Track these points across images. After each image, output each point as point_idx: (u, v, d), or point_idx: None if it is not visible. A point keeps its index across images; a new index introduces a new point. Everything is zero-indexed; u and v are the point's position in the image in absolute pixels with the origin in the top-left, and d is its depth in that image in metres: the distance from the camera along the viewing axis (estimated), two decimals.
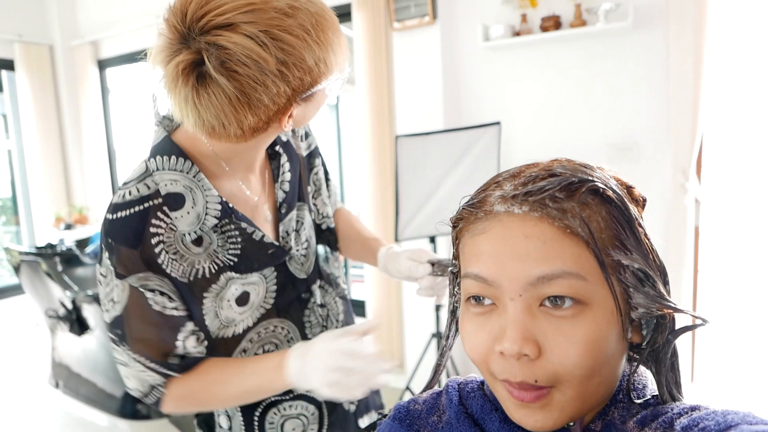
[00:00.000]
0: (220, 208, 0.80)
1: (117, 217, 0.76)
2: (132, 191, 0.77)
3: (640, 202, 0.53)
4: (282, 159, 0.94)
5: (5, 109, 4.35)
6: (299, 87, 0.71)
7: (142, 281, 0.77)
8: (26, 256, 3.03)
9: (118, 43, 4.16)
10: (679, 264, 2.24)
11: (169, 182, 0.78)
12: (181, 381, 0.82)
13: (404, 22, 2.65)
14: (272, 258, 0.90)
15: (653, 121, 2.29)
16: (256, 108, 0.69)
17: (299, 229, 0.96)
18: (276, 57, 0.66)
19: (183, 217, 0.78)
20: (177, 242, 0.79)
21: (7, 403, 3.07)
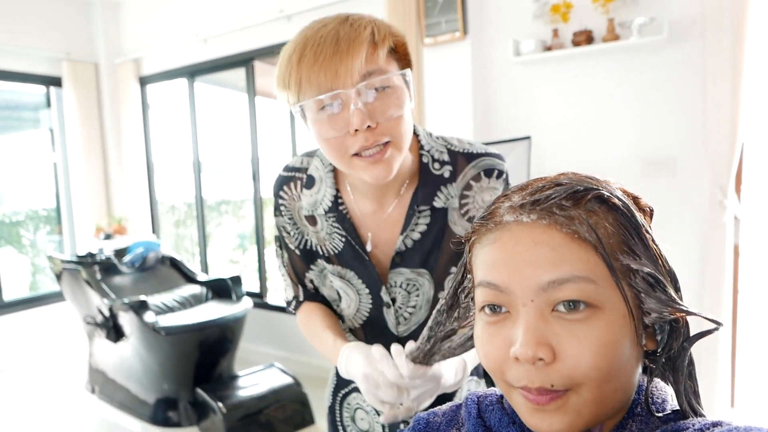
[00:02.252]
0: (330, 204, 0.92)
1: (281, 173, 0.99)
2: (296, 161, 0.99)
3: (647, 211, 0.53)
4: (419, 219, 0.91)
5: (52, 123, 4.55)
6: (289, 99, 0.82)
7: (281, 224, 0.99)
8: (68, 264, 3.15)
9: (158, 60, 4.32)
10: (719, 284, 2.16)
11: (315, 168, 0.95)
12: (302, 310, 1.03)
13: (435, 37, 2.67)
14: (365, 268, 0.94)
15: (689, 136, 2.24)
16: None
17: (410, 290, 0.95)
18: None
19: (307, 197, 0.95)
20: (295, 212, 0.97)
21: (46, 407, 3.17)
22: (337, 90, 0.75)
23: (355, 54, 0.75)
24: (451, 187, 0.92)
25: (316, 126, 0.80)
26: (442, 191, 0.91)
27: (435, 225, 0.92)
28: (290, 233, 0.98)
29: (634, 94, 2.34)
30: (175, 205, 4.86)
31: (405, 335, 0.98)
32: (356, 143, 0.78)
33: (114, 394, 3.09)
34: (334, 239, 0.94)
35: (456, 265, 0.93)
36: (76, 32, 4.42)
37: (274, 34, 3.53)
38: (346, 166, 0.83)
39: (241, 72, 3.88)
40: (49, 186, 4.62)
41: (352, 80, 0.75)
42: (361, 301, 0.97)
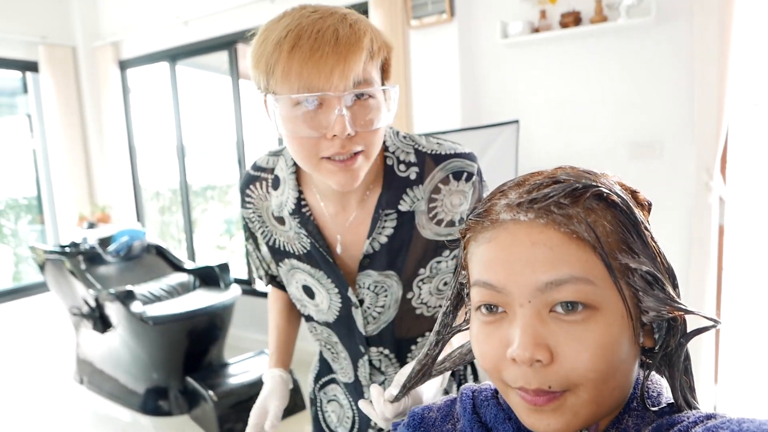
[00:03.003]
0: (294, 206, 0.91)
1: (248, 171, 1.00)
2: (262, 160, 0.99)
3: (645, 206, 0.53)
4: (385, 222, 0.90)
5: (30, 109, 4.44)
6: (260, 83, 0.79)
7: (248, 216, 1.00)
8: (51, 254, 3.10)
9: (138, 43, 4.22)
10: (704, 263, 2.19)
11: (280, 168, 0.94)
12: (271, 289, 1.12)
13: (422, 19, 2.64)
14: (332, 269, 0.93)
15: (676, 118, 2.25)
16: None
17: (378, 292, 0.94)
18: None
19: (275, 198, 0.94)
20: (264, 211, 0.97)
21: (33, 398, 3.14)
22: (326, 91, 0.72)
23: (355, 59, 0.72)
24: (417, 189, 0.89)
25: (289, 122, 0.76)
26: (408, 194, 0.89)
27: (402, 228, 0.90)
28: (257, 227, 1.00)
29: (622, 76, 2.33)
30: (159, 191, 4.80)
31: (374, 334, 0.98)
32: (331, 148, 0.76)
33: (103, 384, 3.08)
34: (302, 240, 0.93)
35: (424, 267, 0.93)
36: (52, 15, 4.29)
37: (258, 16, 3.46)
38: (313, 167, 0.80)
39: (224, 55, 3.80)
40: (29, 174, 4.53)
41: (345, 85, 0.73)
42: (332, 300, 0.96)
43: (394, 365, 1.01)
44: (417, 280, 0.94)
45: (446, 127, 2.61)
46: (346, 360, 1.03)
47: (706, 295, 2.20)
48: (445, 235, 0.93)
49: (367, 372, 1.02)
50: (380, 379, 1.03)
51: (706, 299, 2.20)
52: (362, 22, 0.76)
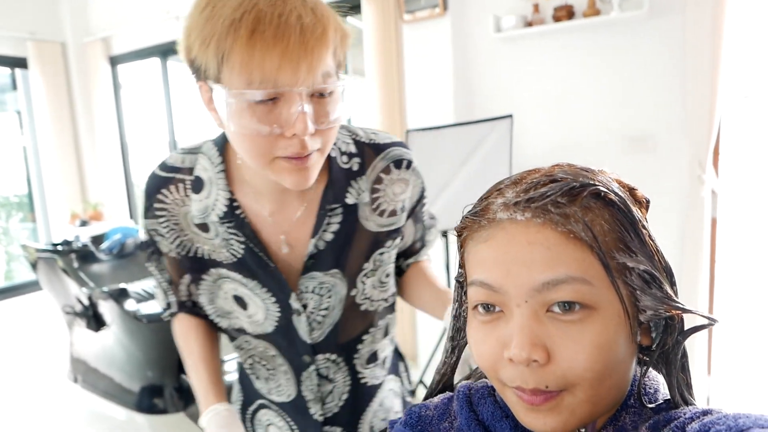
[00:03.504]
0: (225, 210, 0.81)
1: (155, 172, 0.86)
2: (175, 159, 0.86)
3: (643, 203, 0.53)
4: (331, 219, 0.85)
5: (19, 106, 4.40)
6: (200, 69, 0.70)
7: (154, 227, 0.87)
8: (43, 253, 3.08)
9: (129, 39, 4.18)
10: (696, 256, 2.20)
11: (202, 168, 0.84)
12: (179, 321, 0.94)
13: (414, 13, 2.62)
14: (271, 276, 0.85)
15: (669, 111, 2.25)
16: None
17: (323, 294, 0.88)
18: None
19: (196, 202, 0.83)
20: (181, 217, 0.85)
21: (28, 398, 3.13)
22: (291, 87, 0.65)
23: (322, 53, 0.66)
24: (361, 180, 0.86)
25: (241, 117, 0.67)
26: (353, 186, 0.85)
27: (346, 222, 0.86)
28: (166, 237, 0.86)
29: (615, 69, 2.33)
30: None
31: (320, 340, 0.91)
32: (289, 147, 0.69)
33: (97, 382, 3.06)
34: (233, 246, 0.83)
35: (368, 260, 0.90)
36: (41, 10, 4.24)
37: None
38: (264, 166, 0.72)
39: None
40: (19, 171, 4.49)
41: (311, 80, 0.66)
42: (268, 310, 0.87)
43: (342, 370, 0.95)
44: (361, 275, 0.90)
45: (440, 122, 2.60)
46: (286, 375, 0.93)
47: (698, 288, 2.21)
48: (387, 226, 0.90)
49: (314, 384, 0.93)
50: (329, 388, 0.95)
51: (698, 292, 2.21)
52: (322, 6, 0.69)
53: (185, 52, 0.70)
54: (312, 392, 0.94)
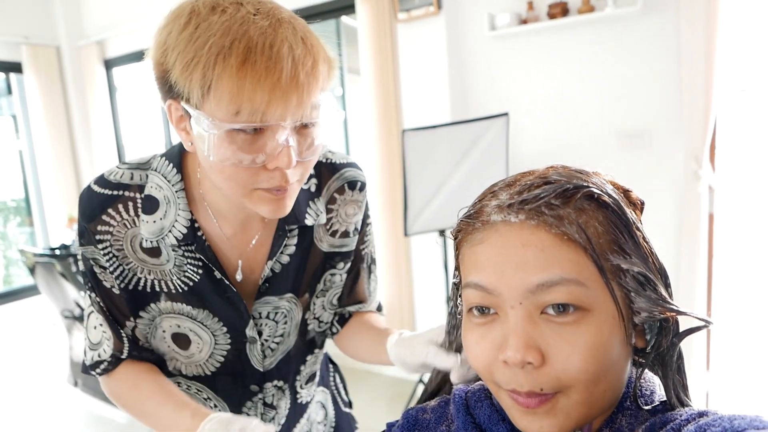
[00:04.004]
0: (185, 231, 0.76)
1: (94, 189, 0.76)
2: (122, 174, 0.77)
3: (638, 205, 0.53)
4: (288, 240, 0.82)
5: (15, 110, 4.38)
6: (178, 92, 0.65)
7: (93, 255, 0.77)
8: (41, 257, 3.07)
9: (123, 42, 4.17)
10: (693, 252, 2.20)
11: (155, 186, 0.76)
12: (123, 371, 0.81)
13: (409, 12, 2.62)
14: (228, 303, 0.80)
15: (665, 107, 2.25)
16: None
17: (278, 320, 0.85)
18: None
19: (148, 223, 0.75)
20: (126, 242, 0.76)
21: (28, 402, 3.12)
22: (280, 121, 0.62)
23: (313, 87, 0.64)
24: (318, 201, 0.84)
25: (220, 147, 0.63)
26: (311, 207, 0.83)
27: (302, 244, 0.84)
28: (107, 269, 0.77)
29: (610, 66, 2.33)
30: None
31: (271, 367, 0.88)
32: (271, 180, 0.66)
33: (98, 386, 3.04)
34: (186, 272, 0.78)
35: (319, 281, 0.88)
36: (35, 15, 4.22)
37: None
38: (244, 197, 0.69)
39: None
40: (16, 175, 4.48)
41: (302, 114, 0.64)
42: (216, 343, 0.82)
43: (285, 395, 0.92)
44: (313, 296, 0.89)
45: (436, 121, 2.60)
46: (217, 407, 0.89)
47: (696, 285, 2.21)
48: (339, 246, 0.88)
49: (258, 414, 0.90)
50: (271, 415, 0.91)
51: (696, 288, 2.22)
52: (311, 35, 0.66)
53: (157, 66, 0.65)
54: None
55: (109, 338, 0.79)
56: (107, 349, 0.80)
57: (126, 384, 0.80)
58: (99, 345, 0.80)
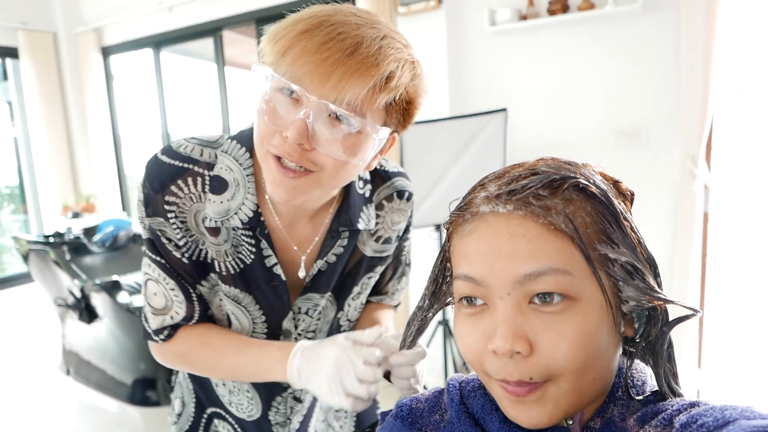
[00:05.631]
0: (251, 215, 0.76)
1: (163, 159, 0.76)
2: (192, 149, 0.77)
3: (628, 196, 0.53)
4: (339, 242, 0.84)
5: (10, 96, 4.35)
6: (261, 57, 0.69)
7: (161, 227, 0.77)
8: (34, 245, 3.06)
9: (121, 30, 4.14)
10: (688, 251, 2.22)
11: (225, 168, 0.77)
12: (190, 333, 0.82)
13: (409, 6, 2.61)
14: (273, 292, 0.82)
15: (662, 106, 2.26)
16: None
17: (314, 315, 0.88)
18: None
19: (214, 203, 0.76)
20: (191, 215, 0.76)
21: (20, 390, 3.12)
22: (310, 93, 0.63)
23: (359, 81, 0.62)
24: (371, 207, 0.86)
25: (264, 98, 0.67)
26: (365, 212, 0.84)
27: (349, 247, 0.86)
28: (172, 240, 0.77)
29: (609, 63, 2.34)
30: None
31: None
32: (279, 147, 0.66)
33: (90, 375, 3.06)
34: (240, 254, 0.79)
35: (357, 284, 0.90)
36: (33, 0, 4.19)
37: (243, 2, 3.41)
38: (260, 156, 0.71)
39: (209, 42, 3.75)
40: (11, 162, 4.45)
41: (334, 99, 0.63)
42: (254, 331, 0.84)
43: (310, 392, 0.91)
44: (349, 298, 0.91)
45: (434, 115, 2.60)
46: (249, 398, 0.91)
47: (690, 283, 2.23)
48: (380, 252, 0.90)
49: (288, 407, 0.92)
50: (297, 408, 0.94)
51: (690, 286, 2.23)
52: (400, 53, 0.65)
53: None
54: (282, 416, 0.93)
55: (181, 302, 0.80)
56: (179, 311, 0.80)
57: (194, 343, 0.81)
58: (166, 309, 0.80)
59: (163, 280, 0.79)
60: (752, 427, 0.37)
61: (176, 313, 0.80)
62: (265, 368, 0.77)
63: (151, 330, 0.82)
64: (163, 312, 0.80)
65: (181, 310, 0.80)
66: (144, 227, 0.78)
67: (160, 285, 0.79)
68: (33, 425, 2.73)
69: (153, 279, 0.80)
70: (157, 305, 0.80)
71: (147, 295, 0.81)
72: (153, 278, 0.80)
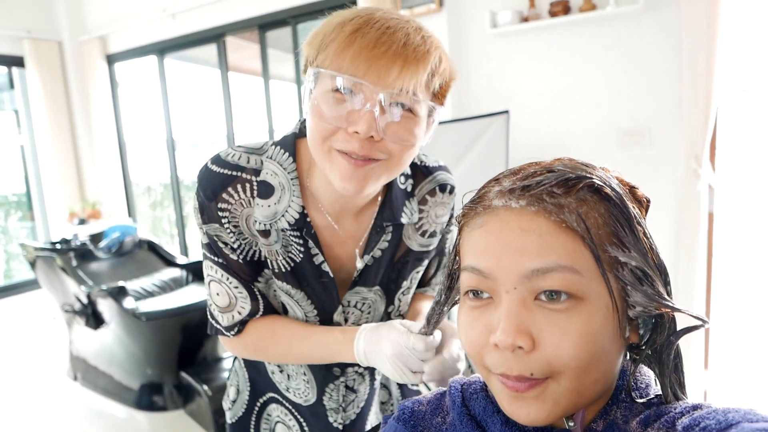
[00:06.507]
0: (297, 217, 0.80)
1: (213, 169, 0.80)
2: (239, 156, 0.81)
3: (643, 203, 0.52)
4: (384, 236, 0.87)
5: (17, 105, 4.39)
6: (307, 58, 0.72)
7: (217, 232, 0.81)
8: (41, 251, 3.08)
9: (125, 37, 4.17)
10: (693, 251, 2.20)
11: (271, 173, 0.81)
12: (258, 326, 0.87)
13: (411, 9, 2.62)
14: (323, 288, 0.85)
15: (665, 106, 2.25)
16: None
17: (363, 309, 0.90)
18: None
19: (262, 207, 0.80)
20: (242, 219, 0.81)
21: (28, 396, 3.13)
22: (375, 85, 0.66)
23: (416, 69, 0.66)
24: (413, 201, 0.88)
25: (320, 99, 0.69)
26: (407, 206, 0.87)
27: (394, 241, 0.88)
28: (228, 244, 0.82)
29: (612, 64, 2.33)
30: (150, 186, 4.77)
31: None
32: (346, 143, 0.69)
33: (97, 380, 3.07)
34: (291, 254, 0.83)
35: (406, 278, 0.92)
36: (37, 9, 4.23)
37: (246, 8, 3.43)
38: (321, 154, 0.73)
39: (213, 48, 3.77)
40: (17, 170, 4.48)
41: (400, 89, 0.66)
42: (307, 322, 0.88)
43: (366, 381, 0.97)
44: (399, 293, 0.93)
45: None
46: (306, 382, 0.94)
47: (695, 283, 2.22)
48: (426, 246, 0.92)
49: (340, 395, 0.95)
50: (351, 398, 0.97)
51: (695, 287, 2.22)
52: (435, 39, 0.71)
53: (302, 50, 0.73)
54: (336, 402, 0.95)
55: (245, 298, 0.85)
56: (245, 307, 0.85)
57: (264, 333, 0.86)
58: (231, 307, 0.85)
59: (226, 279, 0.84)
60: (755, 430, 0.37)
61: (242, 307, 0.85)
62: (334, 351, 0.82)
63: (222, 327, 0.87)
64: (228, 309, 0.85)
65: (246, 305, 0.85)
66: (202, 233, 0.83)
67: (223, 285, 0.84)
68: (41, 431, 2.74)
69: (215, 280, 0.84)
70: (221, 304, 0.85)
71: (211, 294, 0.86)
72: (216, 279, 0.84)
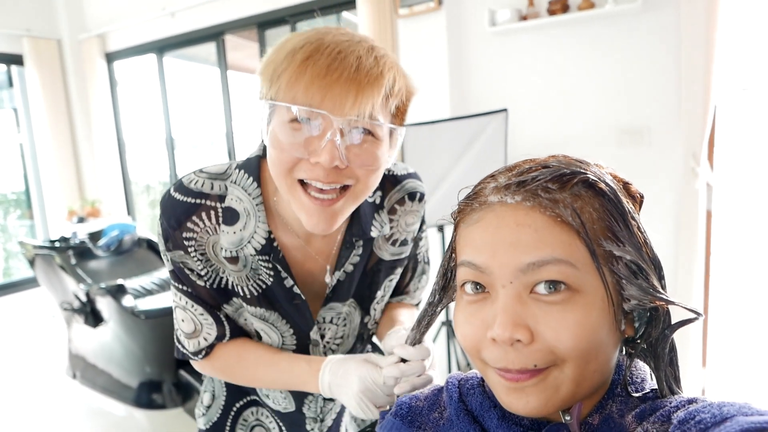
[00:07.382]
0: (263, 243, 0.79)
1: (176, 197, 0.79)
2: (202, 183, 0.79)
3: (637, 198, 0.53)
4: (354, 251, 0.86)
5: (16, 103, 4.39)
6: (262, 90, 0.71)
7: (182, 259, 0.80)
8: (40, 249, 3.08)
9: (124, 35, 4.17)
10: (691, 249, 2.21)
11: (235, 198, 0.79)
12: (227, 349, 0.86)
13: (411, 8, 2.62)
14: (295, 310, 0.84)
15: (664, 104, 2.26)
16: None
17: (339, 323, 0.90)
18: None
19: (228, 234, 0.78)
20: (208, 246, 0.79)
21: (27, 394, 3.13)
22: (330, 113, 0.65)
23: (371, 93, 0.66)
24: (383, 213, 0.87)
25: (278, 130, 0.68)
26: (377, 219, 0.86)
27: (365, 254, 0.87)
28: (194, 270, 0.80)
29: (610, 63, 2.33)
30: (149, 184, 4.77)
31: None
32: (311, 172, 0.69)
33: (96, 378, 3.07)
34: (261, 278, 0.82)
35: (380, 288, 0.92)
36: (36, 7, 4.22)
37: (245, 6, 3.42)
38: (286, 188, 0.72)
39: (212, 46, 3.77)
40: (16, 168, 4.48)
41: (357, 115, 0.66)
42: (284, 344, 0.87)
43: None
44: (374, 302, 0.92)
45: (435, 116, 2.60)
46: (284, 395, 0.94)
47: (694, 281, 2.22)
48: (398, 254, 0.92)
49: (319, 407, 0.95)
50: (330, 407, 0.97)
51: (694, 285, 2.22)
52: (388, 58, 0.70)
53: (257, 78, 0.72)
54: (314, 412, 0.95)
55: (210, 324, 0.84)
56: (211, 333, 0.84)
57: (231, 358, 0.86)
58: (197, 333, 0.85)
59: (191, 307, 0.83)
60: (750, 424, 0.37)
61: (209, 333, 0.84)
62: (299, 382, 0.81)
63: (188, 351, 0.86)
64: (194, 335, 0.85)
65: (212, 331, 0.84)
66: (167, 259, 0.81)
67: (188, 312, 0.83)
68: (40, 429, 2.74)
69: (180, 306, 0.84)
70: (187, 330, 0.85)
71: (176, 320, 0.86)
72: (180, 306, 0.84)
